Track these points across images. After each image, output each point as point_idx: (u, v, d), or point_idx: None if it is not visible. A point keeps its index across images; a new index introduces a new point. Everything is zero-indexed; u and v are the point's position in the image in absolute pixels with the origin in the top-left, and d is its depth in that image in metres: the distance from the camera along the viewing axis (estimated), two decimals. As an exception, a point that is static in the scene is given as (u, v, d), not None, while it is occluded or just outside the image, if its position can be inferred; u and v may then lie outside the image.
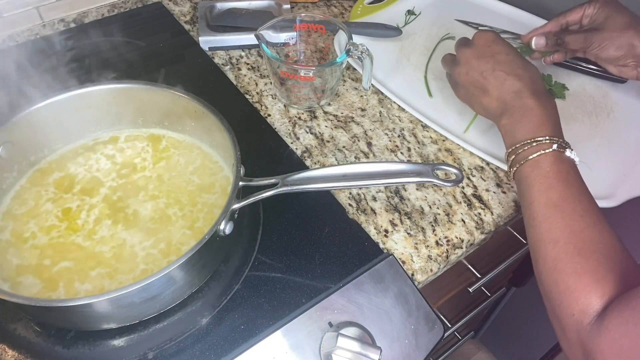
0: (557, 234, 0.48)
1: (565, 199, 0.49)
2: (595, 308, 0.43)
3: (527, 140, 0.53)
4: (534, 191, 0.51)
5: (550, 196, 0.50)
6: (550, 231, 0.48)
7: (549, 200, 0.50)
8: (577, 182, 0.51)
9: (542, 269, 0.48)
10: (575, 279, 0.45)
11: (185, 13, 0.90)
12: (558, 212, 0.49)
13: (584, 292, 0.44)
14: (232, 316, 0.52)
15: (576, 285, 0.45)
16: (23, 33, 0.83)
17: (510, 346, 1.38)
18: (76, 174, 0.60)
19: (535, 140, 0.52)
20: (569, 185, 0.50)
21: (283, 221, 0.60)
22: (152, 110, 0.63)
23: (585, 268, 0.45)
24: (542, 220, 0.49)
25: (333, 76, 0.71)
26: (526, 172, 0.52)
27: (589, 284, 0.44)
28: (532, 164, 0.52)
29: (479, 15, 0.90)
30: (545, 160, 0.51)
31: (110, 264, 0.53)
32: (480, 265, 0.75)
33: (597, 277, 0.44)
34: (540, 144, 0.52)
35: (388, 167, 0.54)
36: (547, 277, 0.48)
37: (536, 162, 0.52)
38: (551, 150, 0.51)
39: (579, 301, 0.44)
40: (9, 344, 0.50)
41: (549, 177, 0.50)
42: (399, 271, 0.56)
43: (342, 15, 0.91)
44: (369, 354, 0.46)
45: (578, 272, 0.45)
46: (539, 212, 0.50)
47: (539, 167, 0.51)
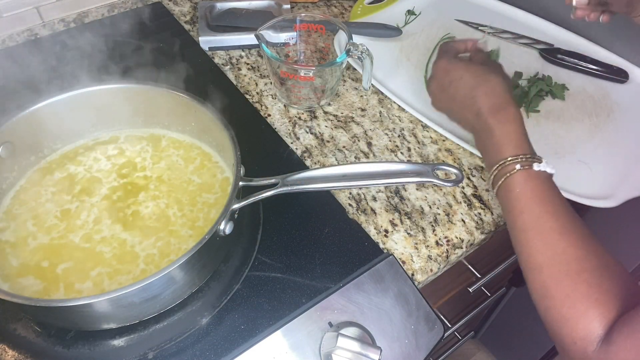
0: (540, 259, 0.46)
1: (540, 218, 0.47)
2: (597, 334, 0.42)
3: (495, 165, 0.52)
4: (510, 217, 0.50)
5: (525, 219, 0.48)
6: (532, 256, 0.47)
7: (524, 224, 0.48)
8: (552, 197, 0.49)
9: (534, 296, 0.47)
10: (569, 305, 0.44)
11: (185, 13, 0.90)
12: (536, 235, 0.47)
13: (581, 319, 0.43)
14: (232, 316, 0.52)
15: (571, 313, 0.43)
16: (23, 33, 0.83)
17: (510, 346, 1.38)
18: (76, 174, 0.60)
19: (499, 164, 0.51)
20: (542, 203, 0.48)
21: (283, 221, 0.60)
22: (152, 110, 0.63)
23: (576, 292, 0.44)
24: (522, 246, 0.48)
25: (333, 76, 0.71)
26: (501, 197, 0.52)
27: (585, 310, 0.43)
28: (504, 188, 0.51)
29: (479, 15, 0.90)
30: (513, 182, 0.50)
31: (111, 264, 0.53)
32: (480, 265, 0.75)
33: (591, 301, 0.43)
34: (505, 166, 0.51)
35: (388, 167, 0.54)
36: (539, 304, 0.46)
37: (506, 186, 0.51)
38: (515, 171, 0.50)
39: (578, 329, 0.43)
40: (9, 344, 0.50)
41: (520, 199, 0.49)
42: (399, 271, 0.56)
43: (342, 15, 0.91)
44: (369, 354, 0.46)
45: (570, 298, 0.44)
46: (518, 237, 0.49)
47: (509, 190, 0.50)
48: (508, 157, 0.51)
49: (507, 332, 1.33)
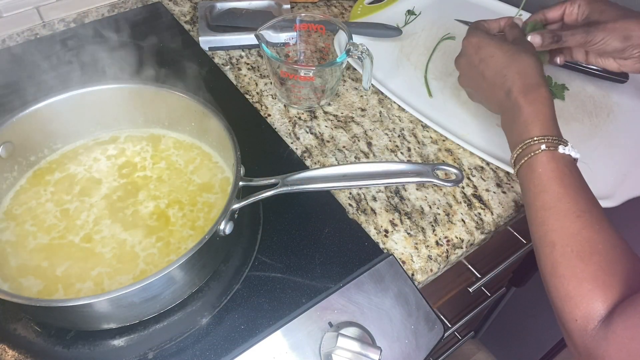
0: (554, 237, 0.47)
1: (560, 199, 0.48)
2: (599, 313, 0.43)
3: (519, 144, 0.53)
4: (530, 195, 0.51)
5: (545, 198, 0.49)
6: (547, 234, 0.48)
7: (544, 203, 0.49)
8: (573, 180, 0.49)
9: (544, 273, 0.48)
10: (576, 284, 0.45)
11: (185, 13, 0.90)
12: (553, 214, 0.48)
13: (585, 297, 0.44)
14: (232, 316, 0.52)
15: (577, 290, 0.44)
16: (23, 33, 0.83)
17: (510, 346, 1.38)
18: (76, 173, 0.60)
19: (525, 143, 0.52)
20: (563, 184, 0.49)
21: (283, 221, 0.60)
22: (152, 110, 0.63)
23: (585, 272, 0.44)
24: (538, 224, 0.49)
25: (333, 76, 0.71)
26: (522, 175, 0.53)
27: (591, 289, 0.44)
28: (526, 167, 0.52)
29: (479, 15, 0.90)
30: (536, 161, 0.51)
31: (111, 264, 0.53)
32: (480, 265, 0.75)
33: (598, 282, 0.44)
34: (530, 146, 0.52)
35: (388, 167, 0.54)
36: (548, 281, 0.47)
37: (529, 165, 0.51)
38: (540, 151, 0.51)
39: (580, 307, 0.44)
40: (9, 344, 0.50)
41: (542, 178, 0.50)
42: (399, 271, 0.56)
43: (342, 15, 0.91)
44: (369, 354, 0.46)
45: (578, 277, 0.45)
46: (535, 215, 0.50)
47: (531, 169, 0.51)
48: (534, 136, 0.51)
49: (507, 332, 1.33)
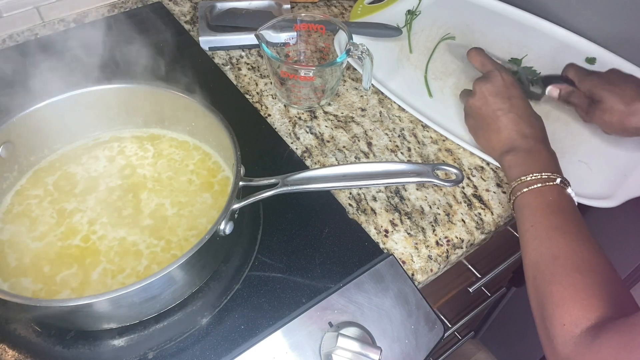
0: (558, 252, 0.50)
1: (567, 224, 0.52)
2: (587, 321, 0.44)
3: (534, 173, 0.56)
4: (538, 214, 0.53)
5: (553, 220, 0.52)
6: (552, 248, 0.50)
7: (552, 224, 0.52)
8: (576, 215, 0.53)
9: (540, 282, 0.50)
10: (572, 291, 0.46)
11: (185, 13, 0.90)
12: (560, 234, 0.51)
13: (577, 304, 0.45)
14: (232, 316, 0.52)
15: (571, 297, 0.46)
16: (23, 33, 0.83)
17: (510, 346, 1.38)
18: (76, 173, 0.60)
19: (541, 174, 0.55)
20: (570, 215, 0.52)
21: (283, 221, 0.60)
22: (152, 110, 0.63)
23: (582, 283, 0.47)
24: (544, 240, 0.51)
25: (333, 76, 0.71)
26: (529, 199, 0.55)
27: (584, 297, 0.45)
28: (536, 193, 0.55)
29: (479, 15, 0.90)
30: (549, 191, 0.54)
31: (110, 264, 0.53)
32: (480, 265, 0.75)
33: (592, 293, 0.46)
34: (547, 177, 0.55)
35: (388, 167, 0.54)
36: (543, 288, 0.49)
37: (540, 191, 0.54)
38: (554, 184, 0.54)
39: (572, 312, 0.45)
40: (9, 344, 0.50)
41: (551, 205, 0.53)
42: (399, 271, 0.55)
43: (342, 15, 0.91)
44: (369, 354, 0.46)
45: (575, 286, 0.47)
46: (542, 232, 0.52)
47: (542, 195, 0.54)
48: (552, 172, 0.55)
49: (507, 332, 1.33)
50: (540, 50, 0.83)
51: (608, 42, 0.82)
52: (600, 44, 0.82)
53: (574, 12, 0.84)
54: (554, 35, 0.86)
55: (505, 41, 0.85)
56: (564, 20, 0.86)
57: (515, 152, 0.59)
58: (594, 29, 0.83)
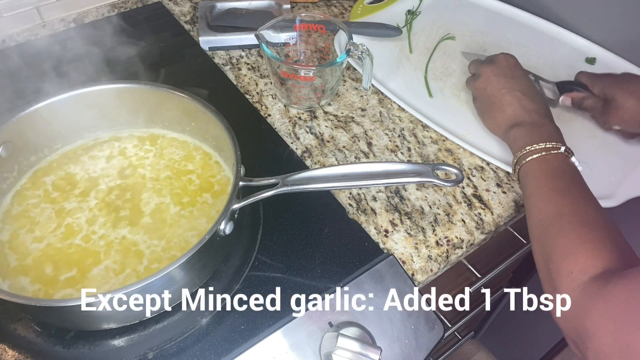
0: (564, 210, 0.51)
1: (571, 187, 0.53)
2: (595, 269, 0.44)
3: (539, 143, 0.57)
4: (542, 179, 0.55)
5: (558, 183, 0.53)
6: (557, 207, 0.51)
7: (556, 186, 0.53)
8: (581, 180, 0.54)
9: (546, 237, 0.50)
10: (579, 243, 0.47)
11: (185, 13, 0.90)
12: (565, 195, 0.52)
13: (585, 254, 0.46)
14: (232, 316, 0.52)
15: (579, 248, 0.47)
16: (23, 33, 0.83)
17: (510, 346, 1.38)
18: (76, 173, 0.60)
19: (546, 143, 0.56)
20: (574, 179, 0.54)
21: (283, 221, 0.60)
22: (152, 110, 0.63)
23: (589, 236, 0.47)
24: (549, 201, 0.52)
25: (333, 76, 0.71)
26: (534, 166, 0.56)
27: (592, 248, 0.46)
28: (540, 160, 0.56)
29: (479, 15, 0.90)
30: (554, 158, 0.55)
31: (111, 264, 0.53)
32: (480, 265, 0.75)
33: (599, 245, 0.46)
34: (551, 147, 0.56)
35: (388, 167, 0.54)
36: (550, 243, 0.50)
37: (544, 158, 0.56)
38: (559, 152, 0.55)
39: (579, 261, 0.46)
40: (9, 344, 0.50)
41: (556, 170, 0.55)
42: (399, 271, 0.55)
43: (342, 15, 0.91)
44: (369, 354, 0.46)
45: (582, 238, 0.47)
46: (547, 194, 0.53)
47: (547, 162, 0.55)
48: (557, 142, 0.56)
49: (507, 332, 1.33)
50: (540, 50, 0.83)
51: (608, 42, 0.82)
52: (600, 44, 0.82)
53: (574, 12, 0.84)
54: (554, 35, 0.86)
55: (505, 41, 0.85)
56: (564, 20, 0.86)
57: (520, 126, 0.61)
58: (594, 29, 0.83)
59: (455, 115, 0.73)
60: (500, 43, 0.84)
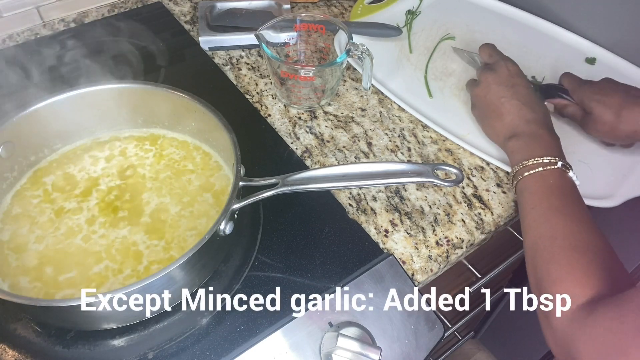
0: (557, 233, 0.51)
1: (566, 206, 0.53)
2: (583, 297, 0.45)
3: (536, 158, 0.57)
4: (538, 197, 0.54)
5: (553, 202, 0.53)
6: (551, 230, 0.51)
7: (551, 205, 0.53)
8: (577, 197, 0.54)
9: (538, 261, 0.51)
10: (568, 270, 0.48)
11: (185, 13, 0.90)
12: (559, 215, 0.52)
13: (574, 282, 0.46)
14: (232, 316, 0.52)
15: (568, 275, 0.47)
16: (23, 33, 0.83)
17: (510, 346, 1.38)
18: (76, 173, 0.60)
19: (542, 158, 0.56)
20: (570, 197, 0.54)
21: (283, 221, 0.60)
22: (152, 110, 0.63)
23: (579, 262, 0.48)
24: (543, 222, 0.52)
25: (333, 76, 0.71)
26: (530, 182, 0.56)
27: (581, 276, 0.47)
28: (537, 176, 0.56)
29: (479, 15, 0.90)
30: (550, 174, 0.55)
31: (111, 264, 0.53)
32: (480, 265, 0.75)
33: (588, 271, 0.46)
34: (548, 162, 0.56)
35: (388, 167, 0.54)
36: (541, 267, 0.50)
37: (541, 175, 0.55)
38: (556, 167, 0.55)
39: (568, 289, 0.46)
40: (9, 344, 0.50)
41: (552, 188, 0.54)
42: (399, 271, 0.56)
43: (342, 15, 0.91)
44: (369, 354, 0.46)
45: (572, 265, 0.48)
46: (542, 214, 0.53)
47: (543, 179, 0.55)
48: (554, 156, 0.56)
49: (507, 332, 1.33)
50: (540, 50, 0.83)
51: (608, 42, 0.82)
52: (600, 44, 0.82)
53: (574, 12, 0.84)
54: (554, 35, 0.85)
55: (505, 41, 0.85)
56: (564, 20, 0.86)
57: (518, 137, 0.61)
58: (594, 29, 0.83)
59: (455, 115, 0.73)
60: (500, 43, 0.84)
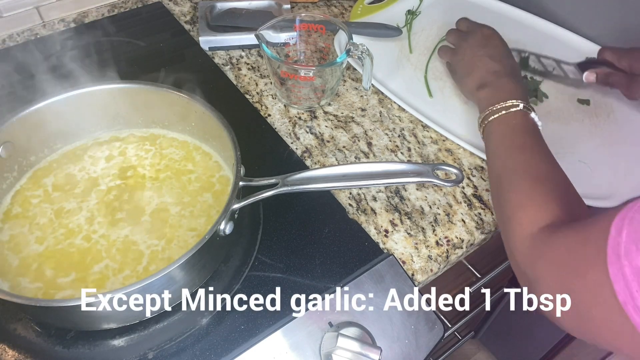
0: (518, 165, 0.53)
1: (527, 143, 0.56)
2: (544, 221, 0.47)
3: (499, 103, 0.60)
4: (501, 136, 0.58)
5: (515, 140, 0.56)
6: (513, 163, 0.54)
7: (514, 143, 0.56)
8: (538, 135, 0.57)
9: (500, 191, 0.53)
10: (529, 195, 0.50)
11: (185, 13, 0.90)
12: (521, 151, 0.55)
13: (534, 206, 0.48)
14: (232, 316, 0.52)
15: (529, 200, 0.49)
16: (23, 33, 0.83)
17: (510, 346, 1.38)
18: (76, 174, 0.60)
19: (505, 102, 0.59)
20: (531, 135, 0.57)
21: (283, 221, 0.60)
22: (152, 110, 0.63)
23: (539, 189, 0.50)
24: (506, 157, 0.55)
25: (333, 76, 0.71)
26: (495, 125, 0.59)
27: (541, 201, 0.48)
28: (500, 119, 0.59)
29: (479, 15, 0.90)
30: (513, 116, 0.58)
31: (111, 264, 0.53)
32: (481, 265, 0.75)
33: (548, 198, 0.48)
34: (510, 105, 0.59)
35: (388, 167, 0.54)
36: (503, 196, 0.52)
37: (505, 117, 0.59)
38: (518, 109, 0.58)
39: (529, 213, 0.48)
40: (9, 344, 0.50)
41: (515, 127, 0.58)
42: (399, 271, 0.56)
43: (342, 15, 0.91)
44: (369, 354, 0.46)
45: (533, 191, 0.50)
46: (504, 151, 0.56)
47: (506, 120, 0.59)
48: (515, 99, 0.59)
49: (507, 332, 1.33)
50: (540, 50, 0.83)
51: (608, 42, 0.82)
52: (600, 44, 0.82)
53: (573, 12, 0.84)
54: (554, 35, 0.85)
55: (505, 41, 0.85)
56: (564, 20, 0.86)
57: (485, 87, 0.64)
58: (594, 29, 0.83)
59: (455, 115, 0.73)
60: (500, 43, 0.84)
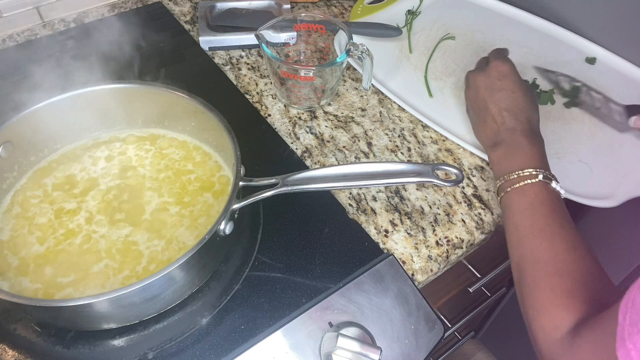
0: (539, 255, 0.50)
1: (549, 224, 0.51)
2: (566, 325, 0.45)
3: (516, 171, 0.55)
4: (520, 215, 0.53)
5: (535, 221, 0.52)
6: (533, 251, 0.51)
7: (534, 224, 0.52)
8: (560, 211, 0.53)
9: (523, 287, 0.50)
10: (552, 297, 0.47)
11: (185, 13, 0.90)
12: (542, 235, 0.51)
13: (557, 309, 0.46)
14: (232, 316, 0.52)
15: (551, 302, 0.47)
16: (23, 33, 0.83)
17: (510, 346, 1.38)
18: (76, 174, 0.60)
19: (523, 171, 0.55)
20: (553, 212, 0.52)
21: (283, 221, 0.60)
22: (152, 110, 0.63)
23: (561, 287, 0.47)
24: (526, 242, 0.52)
25: (333, 76, 0.71)
26: (512, 199, 0.55)
27: (563, 302, 0.46)
28: (518, 191, 0.54)
29: (479, 15, 0.90)
30: (531, 189, 0.54)
31: (110, 264, 0.53)
32: (480, 265, 0.75)
33: (571, 295, 0.46)
34: (528, 174, 0.55)
35: (388, 167, 0.54)
36: (526, 294, 0.50)
37: (522, 190, 0.54)
38: (537, 180, 0.54)
39: (551, 317, 0.46)
40: (9, 344, 0.50)
41: (534, 203, 0.53)
42: (399, 271, 0.55)
43: (342, 15, 0.91)
44: (369, 354, 0.46)
45: (554, 291, 0.47)
46: (524, 234, 0.52)
47: (525, 194, 0.54)
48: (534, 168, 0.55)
49: (507, 332, 1.33)
50: (540, 50, 0.83)
51: (608, 42, 0.82)
52: (600, 44, 0.82)
53: (574, 12, 0.84)
54: (554, 35, 0.85)
55: (505, 41, 0.85)
56: (564, 20, 0.86)
57: (498, 146, 0.59)
58: (594, 29, 0.83)
59: (455, 115, 0.73)
60: (500, 43, 0.84)
